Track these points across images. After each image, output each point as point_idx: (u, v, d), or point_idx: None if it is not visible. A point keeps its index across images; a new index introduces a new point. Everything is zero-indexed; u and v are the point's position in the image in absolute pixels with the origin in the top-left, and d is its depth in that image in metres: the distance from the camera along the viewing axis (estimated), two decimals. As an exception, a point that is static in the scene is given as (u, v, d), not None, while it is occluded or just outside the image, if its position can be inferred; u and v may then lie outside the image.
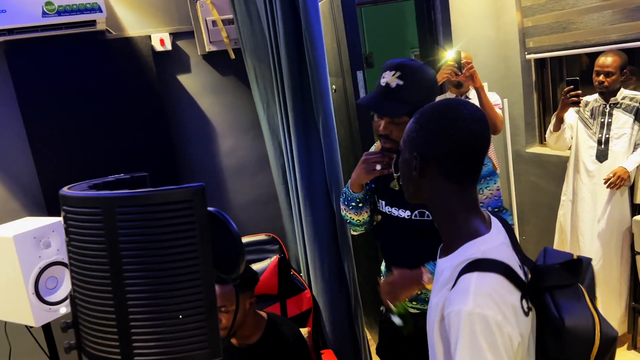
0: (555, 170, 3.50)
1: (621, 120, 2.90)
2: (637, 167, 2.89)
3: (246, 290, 1.84)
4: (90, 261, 0.89)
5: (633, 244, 2.89)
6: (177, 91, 2.93)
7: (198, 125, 3.00)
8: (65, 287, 2.02)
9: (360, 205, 1.78)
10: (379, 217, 1.85)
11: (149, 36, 2.78)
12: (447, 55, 2.83)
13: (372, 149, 1.89)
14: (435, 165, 1.03)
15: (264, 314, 2.01)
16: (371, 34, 5.64)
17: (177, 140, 2.96)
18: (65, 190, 0.95)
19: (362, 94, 2.48)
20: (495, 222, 1.09)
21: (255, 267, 2.45)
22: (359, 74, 2.47)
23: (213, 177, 3.06)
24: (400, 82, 1.53)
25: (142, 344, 0.88)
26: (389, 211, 1.73)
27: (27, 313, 1.90)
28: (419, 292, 1.69)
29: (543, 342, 1.00)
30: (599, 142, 2.97)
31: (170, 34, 2.83)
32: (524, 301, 0.96)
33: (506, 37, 3.78)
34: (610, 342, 0.95)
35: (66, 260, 1.45)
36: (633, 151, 2.92)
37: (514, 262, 1.01)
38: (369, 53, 5.58)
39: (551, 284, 1.00)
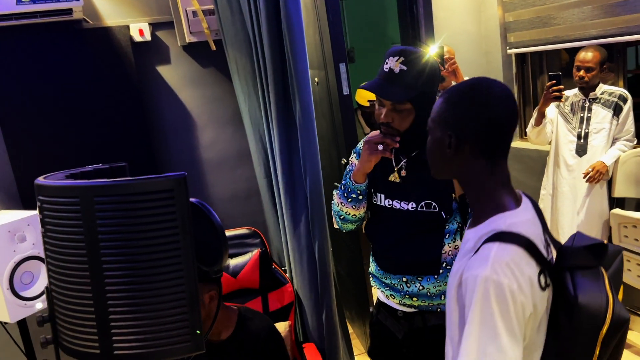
0: (535, 165, 3.54)
1: (600, 115, 2.93)
2: (615, 161, 2.94)
3: (204, 281, 1.69)
4: (67, 252, 0.87)
5: (611, 237, 2.94)
6: (156, 82, 2.87)
7: (177, 118, 2.95)
8: (41, 282, 1.97)
9: (361, 198, 1.74)
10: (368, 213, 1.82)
11: (128, 26, 2.72)
12: (430, 51, 2.82)
13: (360, 145, 1.86)
14: (470, 142, 1.06)
15: (235, 308, 1.97)
16: (352, 28, 5.62)
17: (156, 132, 2.91)
18: (40, 179, 0.92)
19: (344, 86, 2.47)
20: (526, 200, 1.12)
21: (236, 261, 2.42)
22: (342, 66, 2.45)
23: (193, 171, 3.02)
24: (404, 68, 1.53)
25: (121, 337, 0.86)
26: (389, 204, 1.70)
27: (1, 309, 1.85)
28: (421, 288, 1.68)
29: (556, 318, 1.03)
30: (579, 137, 3.01)
31: (149, 24, 2.77)
32: (541, 276, 1.00)
33: (487, 32, 3.81)
34: (621, 323, 0.97)
35: (42, 255, 1.41)
36: (611, 145, 2.97)
37: (537, 239, 1.04)
38: (351, 48, 5.56)
39: (573, 264, 1.03)
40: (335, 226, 2.63)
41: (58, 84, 2.60)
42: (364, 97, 3.86)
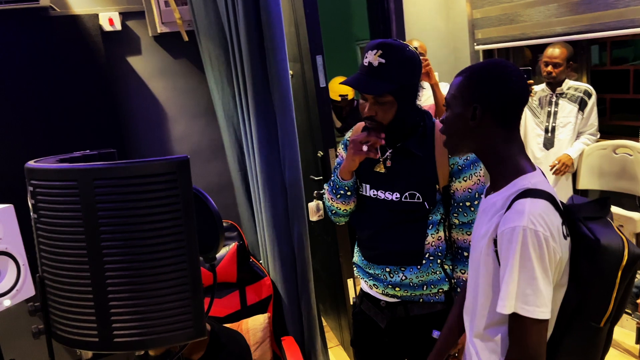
0: (502, 158, 3.62)
1: (566, 110, 3.03)
2: (580, 154, 3.05)
3: None
4: (64, 238, 0.83)
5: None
6: (126, 73, 2.80)
7: (149, 109, 2.88)
8: (9, 279, 1.89)
9: (349, 194, 1.74)
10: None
11: (97, 15, 2.63)
12: None
13: (349, 133, 1.86)
14: (492, 114, 1.18)
15: (207, 328, 1.91)
16: (322, 23, 5.61)
17: (127, 124, 2.83)
18: (32, 163, 0.88)
19: (321, 78, 2.47)
20: (536, 165, 1.25)
21: (213, 254, 2.39)
22: (319, 59, 2.45)
23: (165, 164, 2.96)
24: (383, 61, 1.53)
25: (122, 324, 0.83)
26: (374, 195, 1.70)
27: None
28: (404, 278, 1.69)
29: (576, 264, 1.16)
30: (546, 131, 3.10)
31: (119, 13, 2.69)
32: (564, 227, 1.14)
33: (456, 28, 3.87)
34: (636, 257, 1.10)
35: (10, 251, 1.35)
36: (576, 139, 3.08)
37: (556, 195, 1.18)
38: (320, 43, 5.56)
39: (585, 215, 1.17)
40: (312, 219, 2.64)
41: (24, 72, 2.49)
42: (335, 91, 3.87)
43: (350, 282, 2.79)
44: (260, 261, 2.60)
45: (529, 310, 1.06)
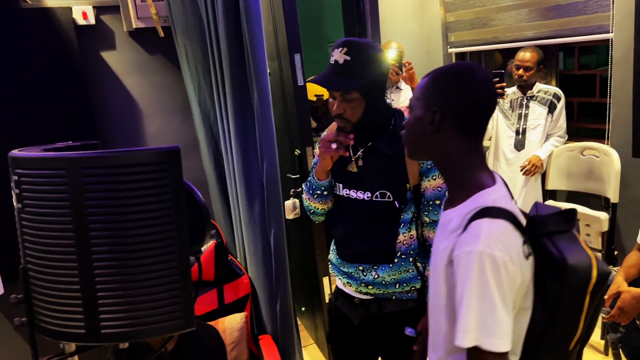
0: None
1: (537, 112, 3.12)
2: (549, 155, 3.13)
3: None
4: (50, 228, 0.82)
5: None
6: (101, 68, 2.75)
7: (123, 105, 2.84)
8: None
9: (326, 193, 1.75)
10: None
11: (70, 8, 2.58)
12: (389, 55, 2.88)
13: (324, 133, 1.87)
14: (453, 120, 1.10)
15: None
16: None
17: (100, 119, 2.78)
18: (16, 152, 0.86)
19: (299, 77, 2.47)
20: (497, 176, 1.17)
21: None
22: (297, 57, 2.45)
23: (139, 162, 2.92)
24: (348, 58, 1.54)
25: (110, 315, 0.82)
26: (346, 194, 1.72)
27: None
28: (376, 276, 1.71)
29: (543, 283, 1.08)
30: (517, 132, 3.18)
31: (93, 7, 2.65)
32: (525, 246, 1.05)
33: (430, 31, 3.94)
34: (605, 276, 1.04)
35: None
36: (545, 141, 3.16)
37: (517, 211, 1.09)
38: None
39: (550, 230, 1.09)
40: (289, 217, 2.64)
41: (-6, 65, 2.43)
42: (310, 91, 3.88)
43: (326, 280, 2.80)
44: (237, 259, 2.59)
45: (492, 344, 0.96)
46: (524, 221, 1.12)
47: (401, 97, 3.35)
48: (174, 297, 0.85)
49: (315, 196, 1.77)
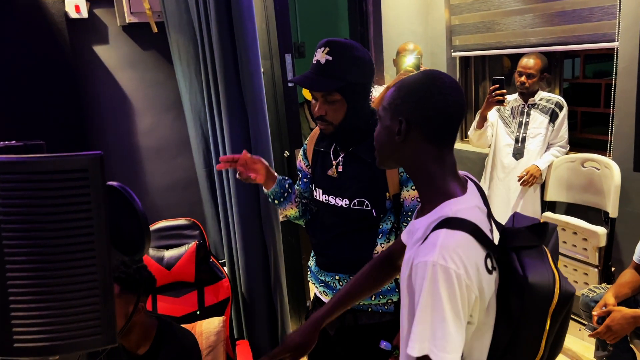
0: (474, 167, 3.62)
1: (537, 121, 3.03)
2: (549, 166, 3.05)
3: (131, 290, 1.63)
4: (-39, 235, 0.78)
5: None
6: (93, 63, 2.73)
7: (115, 101, 2.82)
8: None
9: (277, 202, 1.76)
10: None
11: (62, 1, 2.56)
12: (407, 61, 2.82)
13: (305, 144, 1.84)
14: (420, 129, 1.08)
15: (154, 320, 1.86)
16: (304, 23, 5.57)
17: (91, 115, 2.76)
18: None
19: (290, 77, 2.43)
20: (472, 186, 1.15)
21: (171, 253, 2.33)
22: (288, 57, 2.41)
23: (130, 157, 2.89)
24: (330, 58, 1.50)
25: (24, 328, 0.78)
26: (325, 199, 1.68)
27: None
28: None
29: (506, 299, 1.06)
30: (517, 141, 3.09)
31: (86, 0, 2.63)
32: (488, 260, 1.04)
33: (434, 33, 3.86)
34: (568, 297, 1.03)
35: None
36: (546, 151, 3.07)
37: (483, 224, 1.07)
38: (301, 42, 5.51)
39: (518, 245, 1.07)
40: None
41: (-18, 57, 2.42)
42: (307, 90, 3.83)
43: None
44: (221, 261, 2.55)
45: (440, 357, 0.95)
46: (492, 234, 1.10)
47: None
48: (94, 312, 0.81)
49: (276, 203, 1.76)
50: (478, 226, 1.03)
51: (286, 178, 1.79)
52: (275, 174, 1.75)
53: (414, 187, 1.57)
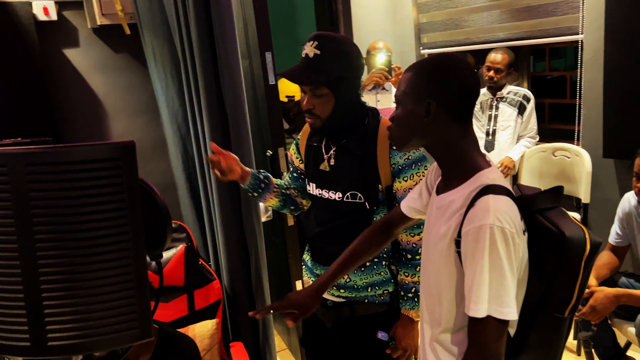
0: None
1: (506, 114, 3.12)
2: (521, 156, 3.14)
3: None
4: (-10, 231, 0.74)
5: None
6: (63, 67, 2.64)
7: (86, 105, 2.74)
8: None
9: (256, 195, 1.79)
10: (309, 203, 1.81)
11: (30, 3, 2.47)
12: (378, 59, 2.91)
13: (298, 139, 1.83)
14: (446, 109, 1.13)
15: (155, 327, 1.81)
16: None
17: (62, 119, 2.67)
18: (-48, 148, 0.78)
19: (271, 76, 2.41)
20: (489, 159, 1.23)
21: (157, 257, 2.27)
22: (268, 55, 2.39)
23: (104, 163, 2.81)
24: (318, 52, 1.51)
25: (57, 325, 0.75)
26: (319, 194, 1.68)
27: None
28: (347, 280, 1.66)
29: (538, 256, 1.15)
30: (487, 134, 3.18)
31: (55, 2, 2.54)
32: (522, 222, 1.12)
33: (403, 32, 3.92)
34: (597, 246, 1.11)
35: None
36: (517, 142, 3.17)
37: (511, 190, 1.15)
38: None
39: (541, 207, 1.16)
40: (261, 220, 2.57)
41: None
42: (282, 92, 3.82)
43: (299, 283, 2.74)
44: (209, 263, 2.51)
45: (502, 313, 1.02)
46: None
47: (393, 98, 3.32)
48: (130, 305, 0.78)
49: (255, 195, 1.80)
50: (512, 192, 1.12)
51: (261, 170, 1.80)
52: (248, 169, 1.77)
53: (405, 179, 1.58)
